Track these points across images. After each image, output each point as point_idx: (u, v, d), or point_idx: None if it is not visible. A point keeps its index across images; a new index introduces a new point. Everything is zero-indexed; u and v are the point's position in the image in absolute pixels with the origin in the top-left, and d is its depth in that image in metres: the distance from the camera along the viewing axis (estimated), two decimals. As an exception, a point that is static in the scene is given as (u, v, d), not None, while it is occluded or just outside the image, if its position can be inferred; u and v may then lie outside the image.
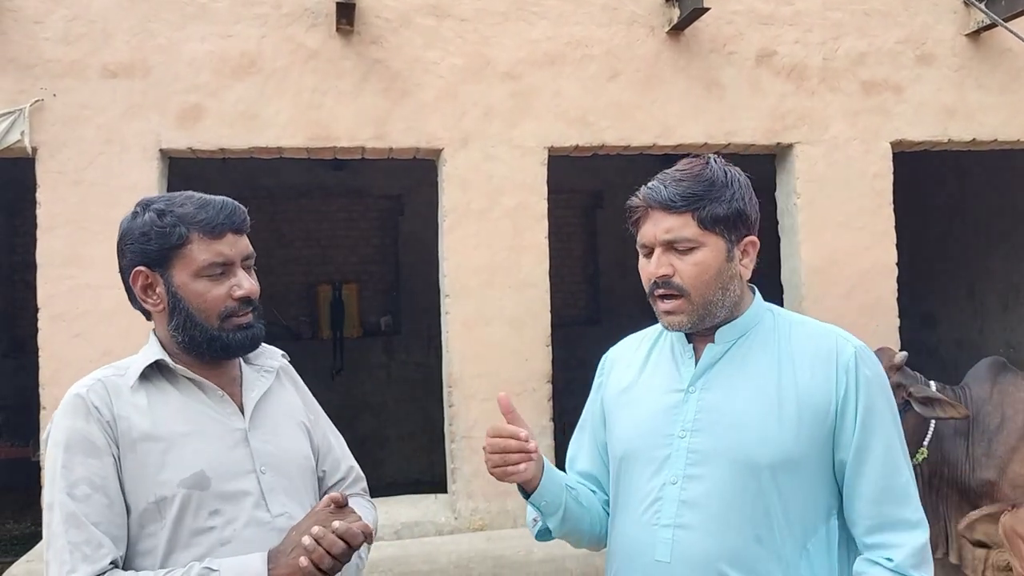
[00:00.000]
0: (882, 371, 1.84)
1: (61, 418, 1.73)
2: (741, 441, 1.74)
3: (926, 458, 3.89)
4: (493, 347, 4.65)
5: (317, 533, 1.65)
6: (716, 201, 1.76)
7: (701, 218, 1.75)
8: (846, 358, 1.78)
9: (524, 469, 1.76)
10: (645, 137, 4.89)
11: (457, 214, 4.71)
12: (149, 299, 1.82)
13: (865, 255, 5.03)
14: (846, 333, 1.85)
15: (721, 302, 1.79)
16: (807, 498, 1.76)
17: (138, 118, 4.44)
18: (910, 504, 1.76)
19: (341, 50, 4.64)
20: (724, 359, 1.83)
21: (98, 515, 1.67)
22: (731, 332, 1.84)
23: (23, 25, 4.39)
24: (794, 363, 1.79)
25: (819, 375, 1.77)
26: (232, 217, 1.83)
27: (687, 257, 1.76)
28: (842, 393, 1.76)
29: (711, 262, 1.77)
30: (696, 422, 1.79)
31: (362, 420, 8.89)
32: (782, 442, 1.73)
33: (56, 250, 4.35)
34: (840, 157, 5.05)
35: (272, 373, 1.98)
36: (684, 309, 1.78)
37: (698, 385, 1.82)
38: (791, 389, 1.76)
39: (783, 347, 1.82)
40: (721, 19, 4.93)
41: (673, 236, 1.76)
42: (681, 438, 1.79)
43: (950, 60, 5.18)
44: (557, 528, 1.92)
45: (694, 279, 1.76)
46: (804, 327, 1.87)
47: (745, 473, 1.73)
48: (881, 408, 1.78)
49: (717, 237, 1.77)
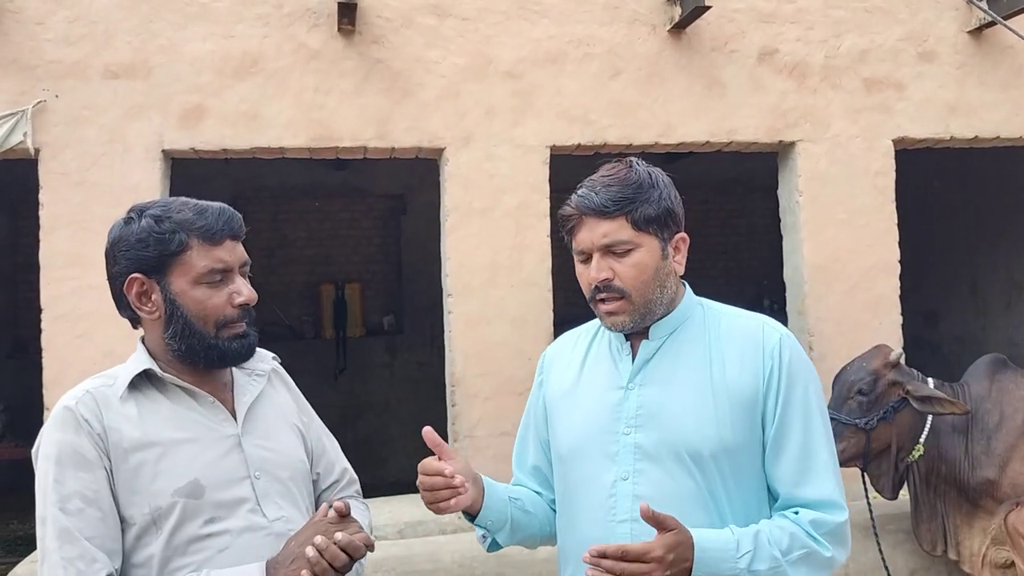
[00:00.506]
0: (806, 358, 1.90)
1: (51, 431, 1.72)
2: (682, 434, 1.80)
3: (922, 455, 3.89)
4: (496, 346, 4.65)
5: (320, 544, 1.64)
6: (646, 202, 1.82)
7: (634, 220, 1.80)
8: (771, 345, 1.85)
9: (455, 503, 1.78)
10: (647, 135, 4.89)
11: (459, 213, 4.71)
12: (144, 307, 1.80)
13: (867, 253, 5.02)
14: (773, 321, 1.92)
15: (660, 299, 1.85)
16: (750, 484, 1.82)
17: (140, 119, 4.45)
18: (826, 485, 1.80)
19: (343, 50, 4.64)
20: (659, 354, 1.88)
21: (91, 529, 1.65)
22: (664, 327, 1.89)
23: (24, 26, 4.39)
24: (724, 354, 1.85)
25: (747, 363, 1.83)
26: (230, 223, 1.82)
27: (625, 259, 1.81)
28: (766, 378, 1.82)
29: (648, 262, 1.82)
30: (638, 417, 1.84)
31: (365, 419, 8.91)
32: (720, 432, 1.79)
33: (59, 251, 4.35)
34: (842, 155, 5.04)
35: (264, 377, 1.97)
36: (625, 309, 1.82)
37: (637, 381, 1.87)
38: (723, 379, 1.82)
39: (713, 339, 1.88)
40: (723, 17, 4.92)
41: (610, 240, 1.81)
42: (626, 434, 1.84)
43: (952, 57, 5.17)
44: (507, 540, 1.98)
45: (634, 280, 1.81)
46: (732, 318, 1.93)
47: (690, 464, 1.79)
48: (801, 392, 1.83)
49: (651, 237, 1.83)
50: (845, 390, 3.87)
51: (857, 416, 3.80)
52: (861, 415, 3.80)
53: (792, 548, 1.73)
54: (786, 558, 1.72)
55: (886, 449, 3.89)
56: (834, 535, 1.78)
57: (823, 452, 1.81)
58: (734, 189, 9.89)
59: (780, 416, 1.81)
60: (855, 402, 3.83)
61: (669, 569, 1.61)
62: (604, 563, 1.59)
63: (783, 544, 1.73)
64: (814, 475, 1.80)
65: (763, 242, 9.80)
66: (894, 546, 4.35)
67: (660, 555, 1.60)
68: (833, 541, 1.77)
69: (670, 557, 1.61)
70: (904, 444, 3.90)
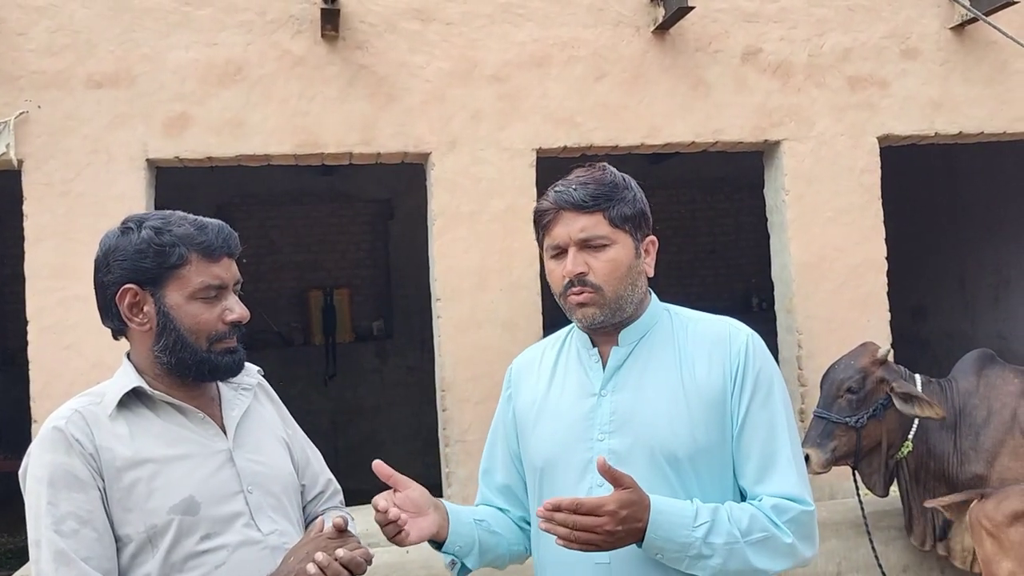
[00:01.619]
0: (771, 357, 1.92)
1: (40, 453, 1.70)
2: (657, 437, 1.82)
3: (911, 451, 3.91)
4: (486, 350, 4.65)
5: (321, 561, 1.64)
6: (622, 201, 1.86)
7: (611, 217, 1.84)
8: (738, 345, 1.87)
9: (411, 536, 1.79)
10: (633, 137, 4.89)
11: (447, 217, 4.71)
12: (135, 318, 1.79)
13: (855, 250, 5.04)
14: (738, 323, 1.94)
15: (630, 298, 1.87)
16: (724, 483, 1.85)
17: (124, 128, 4.42)
18: (788, 479, 1.81)
19: (326, 56, 4.62)
20: (630, 360, 1.90)
21: (87, 550, 1.64)
22: (633, 333, 1.91)
23: (6, 37, 4.37)
24: (694, 356, 1.88)
25: (715, 363, 1.86)
26: (228, 241, 1.83)
27: (600, 254, 1.84)
28: (732, 378, 1.84)
29: (622, 258, 1.85)
30: (612, 423, 1.86)
31: (356, 425, 8.88)
32: (694, 433, 1.81)
33: (45, 262, 4.33)
34: (827, 153, 5.06)
35: (250, 391, 1.97)
36: (597, 302, 1.84)
37: (609, 388, 1.89)
38: (693, 381, 1.85)
39: (682, 343, 1.90)
40: (706, 18, 4.93)
41: (588, 234, 1.84)
42: (600, 441, 1.85)
43: (935, 54, 5.19)
44: (475, 564, 1.97)
45: (608, 275, 1.84)
46: (699, 323, 1.95)
47: (665, 467, 1.81)
48: (765, 390, 1.85)
49: (626, 235, 1.86)
50: (834, 389, 3.88)
51: (847, 414, 3.81)
52: (851, 413, 3.81)
53: (752, 529, 1.74)
54: (745, 538, 1.72)
55: (876, 446, 3.90)
56: (797, 524, 1.78)
57: (785, 449, 1.83)
58: (721, 188, 9.91)
59: (745, 414, 1.83)
60: (844, 400, 3.84)
61: (621, 524, 1.64)
62: (558, 516, 1.62)
63: (743, 523, 1.74)
64: (776, 471, 1.81)
65: (750, 241, 9.82)
66: (887, 543, 4.36)
67: (613, 509, 1.63)
68: (795, 530, 1.77)
69: (623, 513, 1.63)
70: (894, 441, 3.91)
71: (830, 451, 3.81)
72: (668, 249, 1.82)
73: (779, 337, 5.13)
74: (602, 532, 1.63)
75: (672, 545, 1.69)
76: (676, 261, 9.54)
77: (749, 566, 1.73)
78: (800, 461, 1.86)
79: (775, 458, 1.82)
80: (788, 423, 1.86)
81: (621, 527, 1.63)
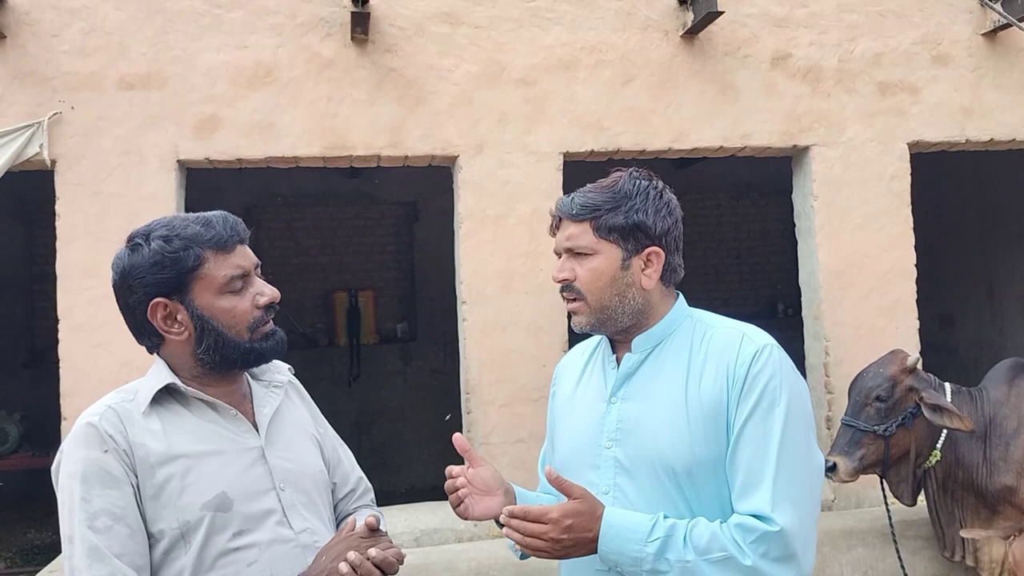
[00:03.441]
0: (783, 371, 1.80)
1: (74, 448, 1.70)
2: (657, 449, 1.80)
3: (939, 460, 3.86)
4: (511, 353, 4.65)
5: (354, 560, 1.64)
6: (613, 212, 1.86)
7: (597, 227, 1.86)
8: (745, 356, 1.80)
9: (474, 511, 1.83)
10: (660, 141, 4.88)
11: (473, 220, 4.72)
12: (172, 329, 1.78)
13: (883, 257, 5.00)
14: (756, 333, 1.87)
15: (619, 308, 1.87)
16: (722, 497, 1.80)
17: (155, 129, 4.47)
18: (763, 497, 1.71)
19: (356, 59, 4.65)
20: (642, 369, 1.89)
21: (120, 546, 1.64)
22: (646, 341, 1.90)
23: (40, 38, 4.42)
24: (702, 368, 1.84)
25: (719, 376, 1.81)
26: (236, 228, 1.83)
27: (584, 263, 1.87)
28: (731, 388, 1.79)
29: (605, 269, 1.86)
30: (618, 432, 1.86)
31: (379, 426, 8.91)
32: (693, 448, 1.78)
33: (76, 261, 4.37)
34: (857, 159, 5.02)
35: (281, 388, 1.97)
36: (583, 311, 1.89)
37: (619, 395, 1.89)
38: (696, 393, 1.81)
39: (695, 353, 1.87)
40: (735, 22, 4.91)
41: (572, 243, 1.88)
42: (608, 448, 1.86)
43: (966, 60, 5.15)
44: None
45: (589, 284, 1.86)
46: (716, 330, 1.90)
47: (665, 480, 1.79)
48: (766, 404, 1.76)
49: (612, 245, 1.86)
50: (863, 397, 3.84)
51: (875, 423, 3.78)
52: (879, 422, 3.77)
53: (711, 548, 1.68)
54: (703, 557, 1.67)
55: (905, 455, 3.86)
56: (763, 544, 1.68)
57: (770, 466, 1.73)
58: (747, 193, 9.87)
59: (738, 427, 1.76)
60: (873, 408, 3.80)
61: (566, 533, 1.66)
62: (512, 522, 1.67)
63: (701, 542, 1.69)
64: (759, 488, 1.72)
65: (777, 247, 9.78)
66: (914, 552, 4.32)
67: (556, 517, 1.66)
68: (762, 551, 1.68)
69: (567, 522, 1.66)
70: (922, 450, 3.87)
71: (858, 459, 3.78)
72: (693, 254, 1.80)
73: (806, 344, 5.10)
74: (547, 539, 1.66)
75: (623, 559, 1.69)
76: (701, 266, 9.51)
77: None
78: (790, 479, 1.74)
79: (760, 475, 1.73)
80: (784, 439, 1.74)
81: (567, 535, 1.66)
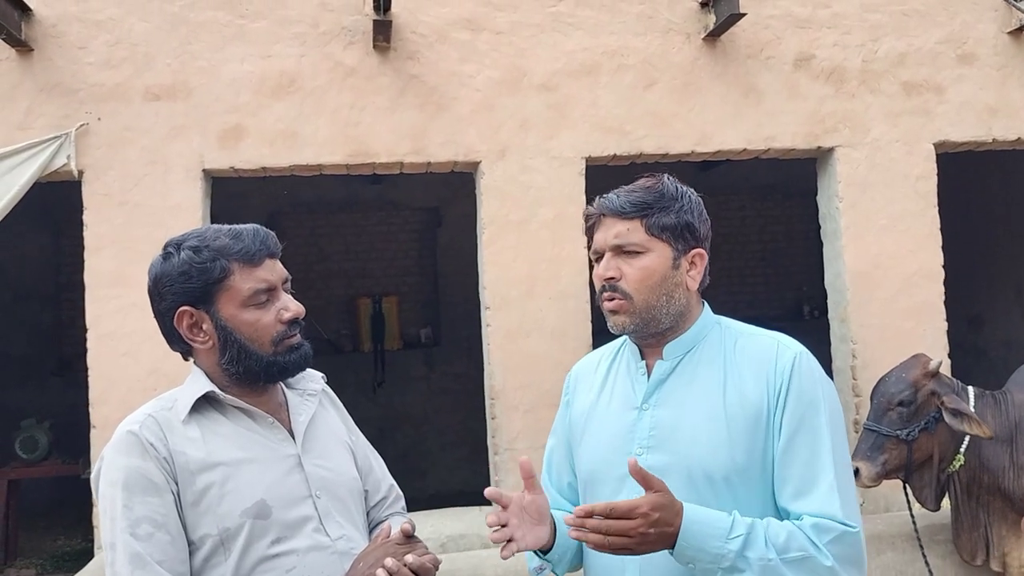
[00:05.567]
0: (823, 377, 1.84)
1: (115, 456, 1.73)
2: (694, 456, 1.78)
3: (963, 465, 3.82)
4: (534, 358, 4.65)
5: (391, 567, 1.66)
6: (664, 211, 1.84)
7: (649, 225, 1.83)
8: (783, 363, 1.81)
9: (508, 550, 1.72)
10: (683, 145, 4.86)
11: (496, 226, 4.72)
12: (197, 338, 1.82)
13: (910, 258, 4.95)
14: (788, 340, 1.88)
15: (665, 309, 1.84)
16: (761, 504, 1.79)
17: (181, 139, 4.51)
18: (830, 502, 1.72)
19: (378, 66, 4.67)
20: (674, 375, 1.87)
21: (162, 553, 1.67)
22: (679, 347, 1.88)
23: (67, 51, 4.48)
24: (739, 375, 1.83)
25: (760, 384, 1.80)
26: (267, 242, 1.85)
27: (634, 261, 1.83)
28: (774, 397, 1.79)
29: (656, 267, 1.83)
30: (651, 439, 1.83)
31: (404, 432, 8.93)
32: (732, 454, 1.76)
33: (103, 271, 4.42)
34: (882, 159, 4.98)
35: (315, 397, 1.99)
36: (627, 310, 1.83)
37: (651, 402, 1.86)
38: (736, 401, 1.80)
39: (729, 360, 1.86)
40: (757, 24, 4.90)
41: (621, 241, 1.84)
42: (639, 455, 1.82)
43: (992, 59, 5.10)
44: (563, 571, 1.95)
45: (638, 283, 1.82)
46: (748, 338, 1.90)
47: (701, 486, 1.77)
48: (810, 411, 1.78)
49: (664, 244, 1.84)
50: (885, 401, 3.81)
51: (898, 427, 3.74)
52: (902, 426, 3.74)
53: (789, 547, 1.67)
54: (781, 556, 1.66)
55: (928, 460, 3.82)
56: (840, 545, 1.69)
57: (828, 471, 1.74)
58: (771, 195, 9.82)
59: (785, 435, 1.77)
60: (896, 413, 3.77)
61: (653, 527, 1.60)
62: (589, 522, 1.60)
63: (779, 540, 1.67)
64: (817, 492, 1.73)
65: (801, 249, 9.71)
66: (943, 556, 4.27)
67: (646, 511, 1.60)
68: (838, 552, 1.69)
69: (655, 515, 1.61)
70: (945, 454, 3.83)
71: (880, 464, 3.75)
72: (718, 257, 1.82)
73: (833, 346, 5.06)
74: (635, 535, 1.60)
75: (704, 555, 1.65)
76: (726, 269, 9.46)
77: None
78: (847, 484, 1.77)
79: (816, 480, 1.74)
80: (833, 445, 1.77)
81: (653, 530, 1.61)
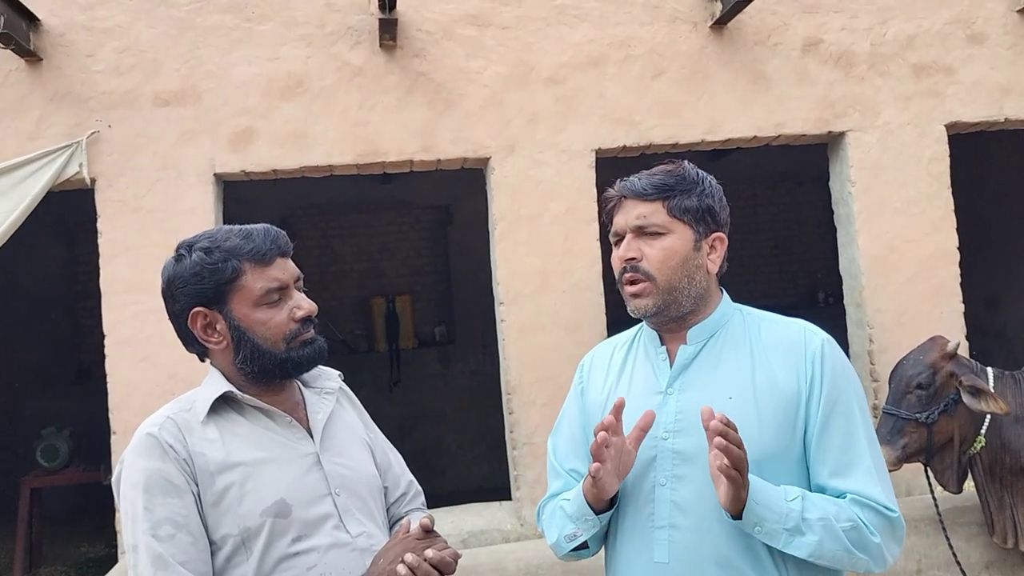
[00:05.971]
0: (848, 363, 1.88)
1: (135, 458, 1.74)
2: None
3: (984, 446, 3.80)
4: (550, 352, 4.65)
5: (411, 562, 1.66)
6: (686, 193, 1.85)
7: (671, 207, 1.84)
8: (812, 349, 1.83)
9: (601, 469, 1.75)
10: (693, 134, 4.85)
11: (507, 221, 4.72)
12: (211, 338, 1.83)
13: (925, 241, 4.93)
14: (813, 326, 1.90)
15: (687, 291, 1.85)
16: None
17: (191, 144, 4.52)
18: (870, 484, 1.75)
19: (385, 65, 4.67)
20: (698, 359, 1.88)
21: (184, 554, 1.67)
22: (702, 332, 1.89)
23: (76, 59, 4.49)
24: (768, 360, 1.84)
25: (790, 369, 1.81)
26: (277, 241, 1.86)
27: (655, 242, 1.84)
28: (807, 383, 1.80)
29: (678, 248, 1.84)
30: (677, 423, 1.83)
31: (421, 430, 8.95)
32: (762, 438, 1.77)
33: (119, 277, 4.44)
34: (894, 143, 4.95)
35: (333, 395, 2.00)
36: (650, 292, 1.84)
37: (676, 387, 1.87)
38: (766, 385, 1.81)
39: (755, 344, 1.86)
40: (764, 10, 4.87)
41: (643, 222, 1.85)
42: (664, 439, 1.83)
43: (1002, 38, 5.06)
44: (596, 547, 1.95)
45: (660, 264, 1.83)
46: (773, 324, 1.91)
47: None
48: (843, 397, 1.80)
49: (685, 226, 1.85)
50: (903, 385, 3.79)
51: (917, 410, 3.72)
52: (921, 409, 3.72)
53: (840, 516, 1.70)
54: (837, 522, 1.69)
55: (948, 442, 3.80)
56: (881, 524, 1.73)
57: (864, 456, 1.78)
58: (782, 182, 9.78)
59: (821, 421, 1.78)
60: (914, 396, 3.75)
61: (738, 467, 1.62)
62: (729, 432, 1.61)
63: (831, 507, 1.70)
64: (856, 474, 1.76)
65: (814, 235, 9.68)
66: (967, 539, 4.25)
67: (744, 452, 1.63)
68: (880, 530, 1.72)
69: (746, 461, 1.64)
70: (966, 436, 3.81)
71: (900, 448, 3.73)
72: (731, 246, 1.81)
73: (849, 332, 5.04)
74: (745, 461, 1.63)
75: (771, 514, 1.66)
76: (739, 257, 9.39)
77: (845, 548, 1.69)
78: (883, 470, 1.80)
79: (853, 464, 1.77)
80: (867, 431, 1.81)
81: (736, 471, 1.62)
